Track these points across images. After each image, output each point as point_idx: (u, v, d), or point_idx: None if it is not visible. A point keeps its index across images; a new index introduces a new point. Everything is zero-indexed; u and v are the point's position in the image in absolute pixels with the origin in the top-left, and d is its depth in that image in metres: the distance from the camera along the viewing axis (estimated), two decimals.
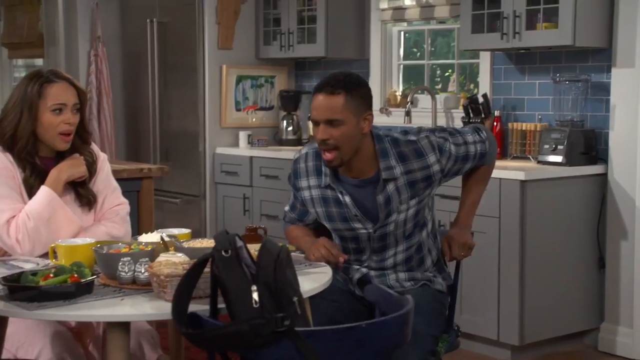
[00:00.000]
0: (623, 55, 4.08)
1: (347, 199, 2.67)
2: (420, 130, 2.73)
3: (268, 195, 5.25)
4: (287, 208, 2.90)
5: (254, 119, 5.83)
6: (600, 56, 4.25)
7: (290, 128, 5.72)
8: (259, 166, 5.31)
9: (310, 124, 5.57)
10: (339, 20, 5.35)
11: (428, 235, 2.80)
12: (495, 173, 3.34)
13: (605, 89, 4.23)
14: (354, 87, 2.58)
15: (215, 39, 5.58)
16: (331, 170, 2.66)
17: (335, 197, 2.69)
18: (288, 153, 5.18)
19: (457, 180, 2.90)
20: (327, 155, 2.59)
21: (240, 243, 1.96)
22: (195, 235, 2.85)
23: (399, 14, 5.26)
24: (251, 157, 5.36)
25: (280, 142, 5.73)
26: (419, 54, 5.47)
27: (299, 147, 5.51)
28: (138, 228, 3.80)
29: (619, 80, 4.12)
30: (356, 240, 2.74)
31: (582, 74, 4.29)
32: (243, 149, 5.51)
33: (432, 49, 5.38)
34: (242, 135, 5.63)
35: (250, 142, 5.63)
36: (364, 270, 2.77)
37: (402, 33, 5.46)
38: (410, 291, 2.69)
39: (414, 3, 5.14)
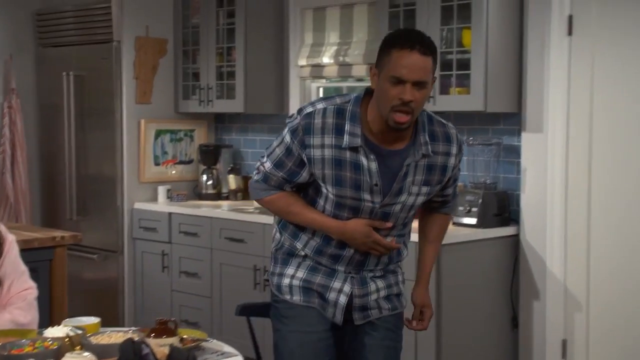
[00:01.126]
0: (532, 121, 4.21)
1: (373, 165, 2.49)
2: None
3: (187, 252, 5.21)
4: (268, 165, 2.60)
5: (173, 172, 5.79)
6: (511, 120, 4.36)
7: (210, 182, 5.70)
8: (178, 222, 5.27)
9: (231, 178, 5.67)
10: (258, 76, 5.37)
11: (410, 229, 2.76)
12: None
13: (516, 151, 4.34)
14: (436, 50, 2.48)
15: (133, 94, 5.54)
16: (362, 132, 2.48)
17: (355, 161, 2.49)
18: (208, 210, 5.16)
19: None
20: (403, 118, 2.42)
21: (146, 350, 1.94)
22: (110, 295, 2.79)
23: (317, 71, 5.31)
24: (170, 213, 5.32)
25: (200, 196, 5.69)
26: None
27: (218, 202, 5.56)
28: (50, 300, 3.72)
29: (529, 144, 4.23)
30: (356, 211, 2.56)
31: (494, 137, 4.40)
32: (162, 205, 5.46)
33: None
34: (161, 190, 5.58)
35: (170, 197, 5.58)
36: (346, 292, 2.63)
37: (321, 89, 5.52)
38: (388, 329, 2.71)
39: (332, 61, 5.20)
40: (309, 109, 2.54)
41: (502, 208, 4.31)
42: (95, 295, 5.66)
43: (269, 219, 4.81)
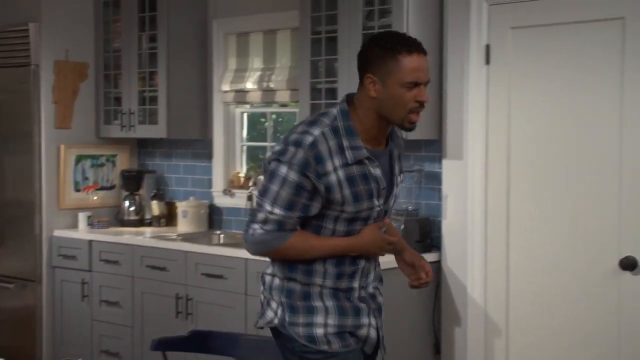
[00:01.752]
0: (452, 148, 4.24)
1: (379, 171, 2.54)
2: None
3: (108, 281, 5.09)
4: (278, 212, 2.48)
5: (95, 198, 5.67)
6: (432, 147, 4.39)
7: (132, 208, 5.60)
8: (99, 250, 5.16)
9: (154, 203, 5.57)
10: (181, 101, 5.32)
11: None
12: None
13: (437, 178, 4.37)
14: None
15: (53, 118, 5.42)
16: (361, 141, 2.51)
17: (363, 172, 2.51)
18: (129, 237, 5.07)
19: None
20: (418, 117, 2.53)
21: None
22: (27, 326, 2.68)
23: (241, 96, 5.28)
24: (90, 241, 5.20)
25: (123, 223, 5.59)
26: (255, 134, 5.50)
27: (141, 228, 5.47)
28: None
29: (450, 170, 4.27)
30: (367, 220, 2.56)
31: (416, 164, 4.42)
32: (82, 232, 5.34)
33: (279, 127, 5.43)
34: (82, 217, 5.46)
35: (90, 224, 5.46)
36: (374, 326, 2.62)
37: (245, 114, 5.48)
38: None
39: (256, 87, 5.18)
40: (310, 139, 2.47)
41: (424, 234, 4.33)
42: (12, 325, 5.49)
43: (191, 247, 4.75)
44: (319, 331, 2.56)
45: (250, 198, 5.00)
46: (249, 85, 5.21)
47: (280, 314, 2.59)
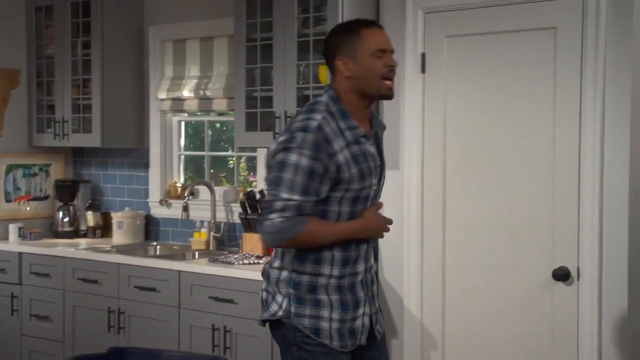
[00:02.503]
0: (388, 157, 4.13)
1: (373, 148, 2.76)
2: None
3: (39, 294, 4.94)
4: (297, 198, 2.60)
5: (27, 209, 5.51)
6: None
7: (66, 219, 5.44)
8: (29, 263, 5.00)
9: (89, 214, 5.41)
10: (116, 109, 5.19)
11: None
12: None
13: None
14: None
15: None
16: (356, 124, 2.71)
17: (362, 151, 2.71)
18: (59, 249, 4.91)
19: None
20: (392, 84, 2.74)
21: None
22: None
23: (177, 104, 5.17)
24: (20, 253, 5.04)
25: (57, 234, 5.43)
26: (198, 143, 5.39)
27: (75, 240, 5.30)
28: None
29: (387, 180, 4.18)
30: (367, 200, 2.76)
31: None
32: (12, 244, 5.17)
33: (224, 136, 5.33)
34: (12, 228, 5.29)
35: (22, 235, 5.30)
36: (367, 313, 2.82)
37: (183, 123, 5.37)
38: None
39: (192, 95, 5.07)
40: (314, 123, 2.65)
41: None
42: None
43: (123, 259, 4.62)
44: (325, 325, 2.74)
45: (185, 209, 4.88)
46: (186, 93, 5.11)
47: (285, 306, 2.74)
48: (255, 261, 4.30)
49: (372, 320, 2.85)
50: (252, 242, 4.54)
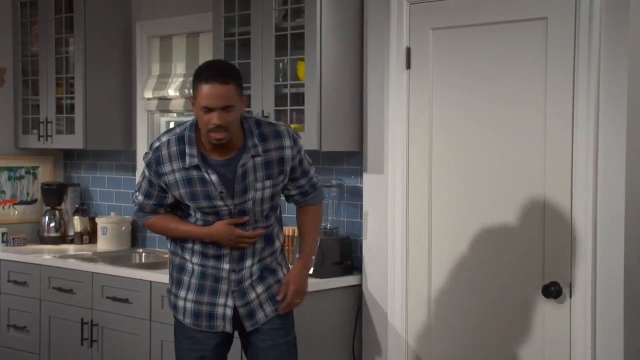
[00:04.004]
0: (373, 160, 3.87)
1: (214, 177, 2.95)
2: (279, 120, 3.50)
3: (16, 304, 4.71)
4: (140, 198, 3.13)
5: (16, 213, 5.30)
6: (354, 159, 4.02)
7: (52, 224, 5.21)
8: (7, 270, 4.77)
9: (76, 219, 5.18)
10: (101, 109, 4.94)
11: (277, 219, 3.17)
12: None
13: (359, 194, 3.99)
14: (237, 74, 2.95)
15: None
16: (198, 152, 2.96)
17: (201, 176, 2.96)
18: (37, 256, 4.68)
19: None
20: (219, 135, 2.89)
21: None
22: None
23: (163, 104, 4.91)
24: None
25: (43, 240, 5.20)
26: None
27: (62, 246, 5.08)
28: None
29: (370, 185, 3.89)
30: (217, 215, 3.03)
31: (336, 178, 4.05)
32: None
33: None
34: None
35: (5, 241, 5.08)
36: (230, 305, 3.09)
37: (172, 124, 5.10)
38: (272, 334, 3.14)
39: (178, 94, 4.81)
40: (157, 144, 3.03)
41: (344, 255, 3.94)
42: None
43: (98, 268, 4.37)
44: (180, 303, 3.16)
45: None
46: (171, 92, 4.84)
47: (169, 283, 3.24)
48: None
49: (240, 313, 3.10)
50: None
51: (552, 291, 3.23)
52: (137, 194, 3.14)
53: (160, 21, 4.91)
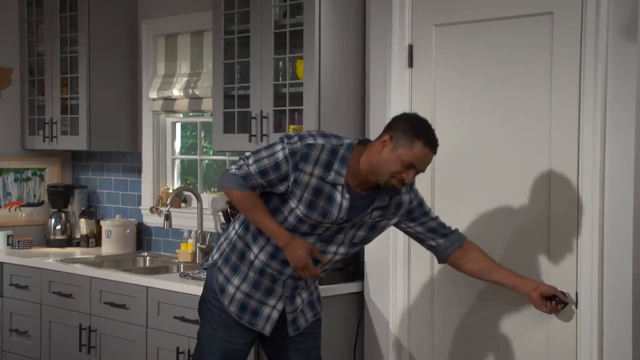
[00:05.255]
0: None
1: (345, 203, 2.87)
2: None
3: (18, 308, 4.63)
4: (254, 168, 2.90)
5: (23, 215, 5.23)
6: None
7: (59, 227, 5.13)
8: (10, 274, 4.70)
9: (83, 222, 5.08)
10: (105, 109, 4.84)
11: None
12: None
13: None
14: None
15: None
16: (346, 175, 2.87)
17: (332, 194, 2.87)
18: (38, 260, 4.59)
19: None
20: (400, 185, 2.85)
21: None
22: None
23: (168, 104, 4.79)
24: (2, 264, 4.74)
25: (49, 242, 5.12)
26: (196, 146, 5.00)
27: (68, 249, 4.98)
28: None
29: None
30: (315, 227, 2.92)
31: None
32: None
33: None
34: (1, 236, 5.01)
35: (10, 244, 5.01)
36: (279, 309, 3.04)
37: (178, 125, 4.99)
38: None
39: (182, 94, 4.69)
40: (311, 140, 2.88)
41: (346, 262, 3.78)
42: None
43: (96, 272, 4.27)
44: (231, 289, 3.05)
45: (167, 217, 4.49)
46: (176, 92, 4.72)
47: (216, 258, 3.10)
48: None
49: (287, 318, 3.07)
50: None
51: (558, 302, 3.04)
52: (252, 162, 2.91)
53: (165, 19, 4.80)
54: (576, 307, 3.05)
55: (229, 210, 4.24)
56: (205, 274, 3.21)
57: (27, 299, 4.58)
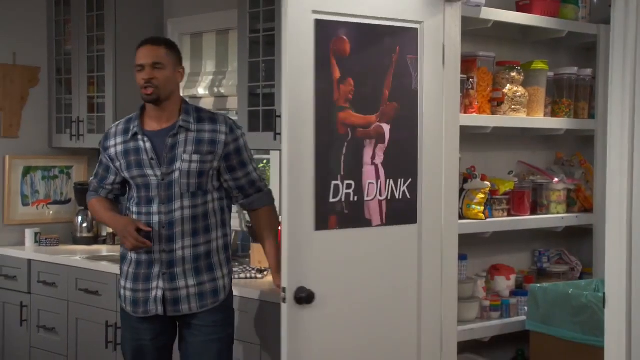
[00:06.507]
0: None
1: (148, 145, 3.20)
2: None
3: (46, 305, 4.67)
4: (91, 178, 3.47)
5: (51, 213, 5.26)
6: None
7: (85, 224, 5.17)
8: (38, 271, 4.74)
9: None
10: (132, 108, 4.81)
11: (214, 211, 3.24)
12: None
13: None
14: (171, 44, 3.36)
15: None
16: (139, 124, 3.25)
17: (136, 147, 3.23)
18: (65, 257, 4.62)
19: None
20: (148, 91, 3.21)
21: None
22: None
23: (194, 103, 4.79)
24: (29, 261, 4.78)
25: (75, 240, 5.16)
26: None
27: (94, 246, 5.03)
28: None
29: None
30: (147, 187, 3.21)
31: None
32: (26, 250, 4.92)
33: None
34: (28, 233, 5.05)
35: (38, 241, 5.05)
36: (160, 287, 3.22)
37: None
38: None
39: (207, 92, 4.70)
40: (111, 126, 3.43)
41: None
42: None
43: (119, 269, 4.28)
44: (122, 292, 3.35)
45: None
46: (201, 90, 4.74)
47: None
48: (255, 275, 3.88)
49: (165, 296, 3.21)
50: (260, 254, 4.11)
51: None
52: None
53: (191, 18, 4.81)
54: (604, 307, 3.01)
55: None
56: None
57: (54, 296, 4.61)
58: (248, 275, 3.87)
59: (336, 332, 3.03)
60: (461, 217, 3.54)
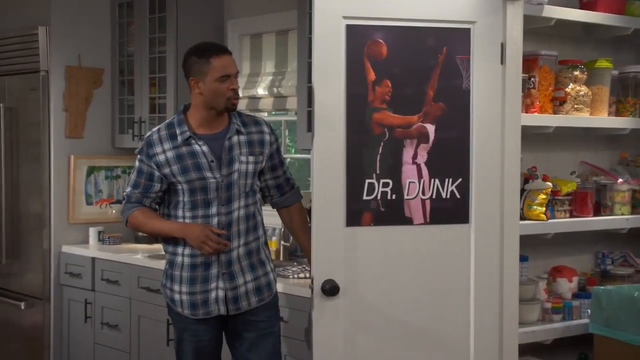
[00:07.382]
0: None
1: (205, 148, 3.20)
2: None
3: (109, 302, 4.76)
4: (128, 190, 3.31)
5: (113, 212, 5.36)
6: None
7: None
8: (101, 269, 4.83)
9: None
10: None
11: (258, 211, 3.33)
12: None
13: None
14: None
15: (63, 127, 5.14)
16: (189, 128, 3.22)
17: (191, 150, 3.20)
18: (127, 256, 4.70)
19: None
20: (237, 100, 3.22)
21: None
22: (35, 346, 2.32)
23: (253, 103, 4.84)
24: (93, 259, 4.88)
25: (137, 239, 5.24)
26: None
27: (155, 245, 5.09)
28: None
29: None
30: (205, 190, 3.20)
31: None
32: (89, 248, 5.02)
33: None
34: (92, 232, 5.16)
35: (101, 240, 5.15)
36: (221, 287, 3.24)
37: None
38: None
39: (267, 93, 4.73)
40: (147, 134, 3.31)
41: None
42: (19, 345, 5.25)
43: None
44: (176, 297, 3.32)
45: None
46: (261, 91, 4.77)
47: (162, 279, 3.41)
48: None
49: (227, 296, 3.25)
50: None
51: None
52: (127, 187, 3.33)
53: (251, 19, 4.85)
54: None
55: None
56: None
57: (117, 294, 4.70)
58: (307, 275, 3.88)
59: (363, 325, 3.10)
60: (522, 217, 3.50)
